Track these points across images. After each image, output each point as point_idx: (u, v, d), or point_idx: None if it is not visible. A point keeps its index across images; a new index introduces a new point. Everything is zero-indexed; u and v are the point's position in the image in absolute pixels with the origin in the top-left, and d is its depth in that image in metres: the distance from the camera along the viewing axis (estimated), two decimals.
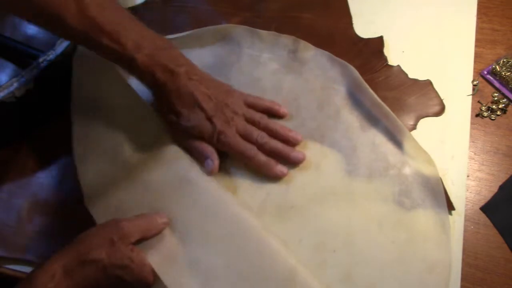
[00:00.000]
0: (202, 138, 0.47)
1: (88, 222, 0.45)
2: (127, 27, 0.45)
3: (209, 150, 0.47)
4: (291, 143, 0.49)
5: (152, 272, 0.40)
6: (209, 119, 0.47)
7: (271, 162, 0.48)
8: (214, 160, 0.47)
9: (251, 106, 0.50)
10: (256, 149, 0.48)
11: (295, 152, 0.48)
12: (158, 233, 0.42)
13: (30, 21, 0.48)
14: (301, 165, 0.49)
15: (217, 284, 0.41)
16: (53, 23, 0.44)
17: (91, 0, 0.43)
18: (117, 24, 0.44)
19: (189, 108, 0.47)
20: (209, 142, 0.47)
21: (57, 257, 0.39)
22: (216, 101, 0.47)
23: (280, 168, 0.48)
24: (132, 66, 0.45)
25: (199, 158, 0.48)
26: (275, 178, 0.48)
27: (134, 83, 0.51)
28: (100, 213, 0.45)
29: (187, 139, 0.48)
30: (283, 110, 0.51)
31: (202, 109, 0.47)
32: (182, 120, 0.47)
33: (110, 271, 0.38)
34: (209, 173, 0.47)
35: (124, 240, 0.39)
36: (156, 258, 0.41)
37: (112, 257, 0.38)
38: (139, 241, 0.41)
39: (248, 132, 0.48)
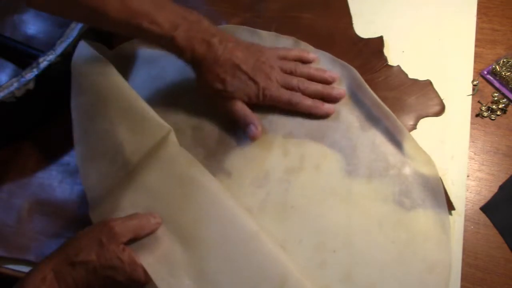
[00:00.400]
0: (249, 99, 0.50)
1: (88, 222, 0.45)
2: (161, 8, 0.47)
3: (253, 116, 0.50)
4: (329, 82, 0.52)
5: (145, 271, 0.40)
6: (252, 79, 0.49)
7: (318, 103, 0.51)
8: (258, 126, 0.50)
9: (283, 58, 0.53)
10: (301, 95, 0.51)
11: (336, 90, 0.52)
12: (151, 233, 0.42)
13: (71, 18, 0.51)
14: (301, 165, 0.49)
15: (207, 287, 0.41)
16: (97, 18, 0.46)
17: None
18: (153, 7, 0.46)
19: (231, 73, 0.49)
20: (256, 100, 0.50)
21: (47, 260, 0.39)
22: (253, 61, 0.50)
23: (328, 106, 0.51)
24: (173, 45, 0.47)
25: (242, 126, 0.50)
26: (325, 116, 0.51)
27: (135, 83, 0.51)
28: (98, 213, 0.45)
29: (233, 105, 0.50)
30: (312, 55, 0.54)
31: (243, 71, 0.49)
32: (228, 86, 0.49)
33: (101, 272, 0.39)
34: (252, 138, 0.50)
35: (114, 240, 0.39)
36: (148, 258, 0.41)
37: (101, 258, 0.39)
38: (131, 241, 0.41)
39: (288, 82, 0.51)
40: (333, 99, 0.51)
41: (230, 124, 0.51)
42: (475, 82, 0.53)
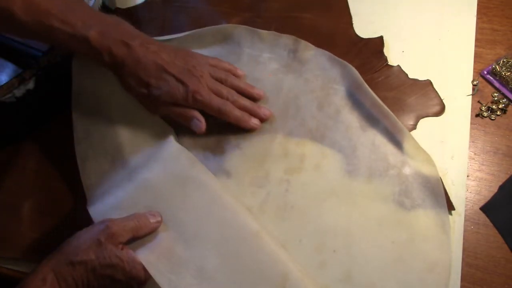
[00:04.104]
0: (176, 102, 0.48)
1: (88, 222, 0.44)
2: (73, 9, 0.45)
3: (192, 111, 0.48)
4: (256, 99, 0.52)
5: (144, 270, 0.40)
6: (180, 81, 0.47)
7: (245, 116, 0.50)
8: (201, 119, 0.48)
9: (213, 66, 0.51)
10: (231, 104, 0.49)
11: (262, 109, 0.51)
12: (150, 232, 0.42)
13: None
14: (301, 165, 0.49)
15: (207, 285, 0.41)
16: (3, 20, 0.44)
17: None
18: (63, 6, 0.45)
19: (156, 76, 0.47)
20: (184, 103, 0.48)
21: (47, 261, 0.39)
22: (182, 64, 0.48)
23: (254, 121, 0.50)
24: (88, 46, 0.45)
25: (184, 122, 0.49)
26: (250, 131, 0.50)
27: None
28: (98, 213, 0.45)
29: (164, 108, 0.48)
30: (240, 72, 0.53)
31: (169, 73, 0.47)
32: (153, 89, 0.47)
33: (100, 271, 0.39)
34: (200, 131, 0.48)
35: (112, 239, 0.40)
36: (148, 256, 0.41)
37: (100, 257, 0.39)
38: (131, 241, 0.41)
39: (218, 90, 0.49)
40: (259, 118, 0.51)
41: (230, 124, 0.51)
42: (475, 82, 0.53)
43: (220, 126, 0.51)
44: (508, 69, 0.52)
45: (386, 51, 0.56)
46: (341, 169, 0.48)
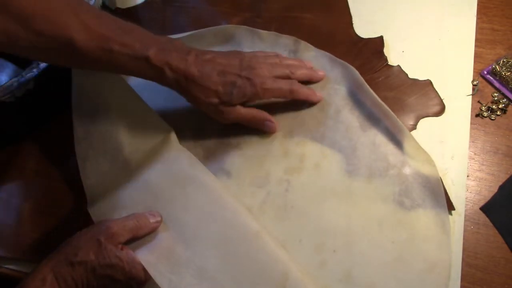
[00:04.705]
0: (248, 99, 0.48)
1: (88, 222, 0.45)
2: (129, 31, 0.45)
3: (263, 114, 0.50)
4: (309, 67, 0.53)
5: (144, 270, 0.40)
6: (244, 77, 0.47)
7: (312, 90, 0.52)
8: (272, 119, 0.50)
9: (262, 55, 0.52)
10: (297, 82, 0.50)
11: (318, 71, 0.53)
12: (150, 232, 0.42)
13: (41, 59, 0.49)
14: (301, 165, 0.49)
15: (207, 286, 0.41)
16: (64, 49, 0.43)
17: (87, 14, 0.43)
18: (120, 30, 0.44)
19: (221, 82, 0.47)
20: (257, 98, 0.49)
21: (46, 261, 0.39)
22: (238, 61, 0.48)
23: (320, 94, 0.52)
24: (149, 66, 0.45)
25: (257, 125, 0.50)
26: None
27: (135, 84, 0.51)
28: (98, 213, 0.45)
29: (236, 112, 0.49)
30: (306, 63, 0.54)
31: (232, 73, 0.47)
32: (223, 96, 0.47)
33: (100, 271, 0.39)
34: (273, 132, 0.50)
35: (112, 240, 0.40)
36: (148, 257, 0.41)
37: (100, 257, 0.39)
38: (130, 241, 0.41)
39: (279, 71, 0.50)
40: (318, 80, 0.53)
41: (230, 124, 0.51)
42: (475, 82, 0.53)
43: (220, 126, 0.51)
44: (508, 69, 0.52)
45: (386, 51, 0.56)
46: (341, 169, 0.48)
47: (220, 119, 0.49)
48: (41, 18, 0.41)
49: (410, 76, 0.54)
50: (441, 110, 0.51)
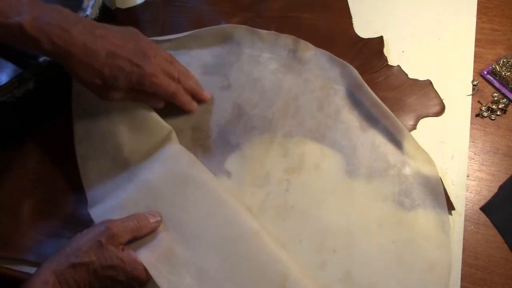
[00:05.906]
0: (132, 87, 0.45)
1: (88, 222, 0.45)
2: None
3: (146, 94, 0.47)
4: (204, 101, 0.53)
5: (145, 270, 0.40)
6: (135, 64, 0.44)
7: (190, 100, 0.51)
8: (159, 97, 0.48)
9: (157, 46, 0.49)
10: (181, 88, 0.50)
11: (204, 91, 0.53)
12: (150, 232, 0.42)
13: None
14: (301, 165, 0.49)
15: (207, 286, 0.41)
16: None
17: None
18: None
19: (109, 64, 0.43)
20: (138, 87, 0.46)
21: (48, 264, 0.39)
22: (132, 44, 0.45)
23: (194, 105, 0.52)
24: (22, 35, 0.40)
25: (144, 102, 0.48)
26: (189, 112, 0.52)
27: None
28: (98, 213, 0.45)
29: (119, 96, 0.46)
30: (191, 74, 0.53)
31: (122, 58, 0.43)
32: (108, 79, 0.43)
33: (102, 272, 0.39)
34: (161, 106, 0.49)
35: (113, 241, 0.40)
36: (148, 257, 0.41)
37: (101, 259, 0.39)
38: (131, 241, 0.41)
39: (170, 71, 0.48)
40: (201, 99, 0.52)
41: (229, 124, 0.51)
42: (475, 82, 0.53)
43: (220, 126, 0.51)
44: (508, 69, 0.52)
45: (386, 51, 0.56)
46: (341, 169, 0.48)
47: (100, 98, 0.46)
48: None
49: (410, 76, 0.54)
50: (441, 110, 0.51)
